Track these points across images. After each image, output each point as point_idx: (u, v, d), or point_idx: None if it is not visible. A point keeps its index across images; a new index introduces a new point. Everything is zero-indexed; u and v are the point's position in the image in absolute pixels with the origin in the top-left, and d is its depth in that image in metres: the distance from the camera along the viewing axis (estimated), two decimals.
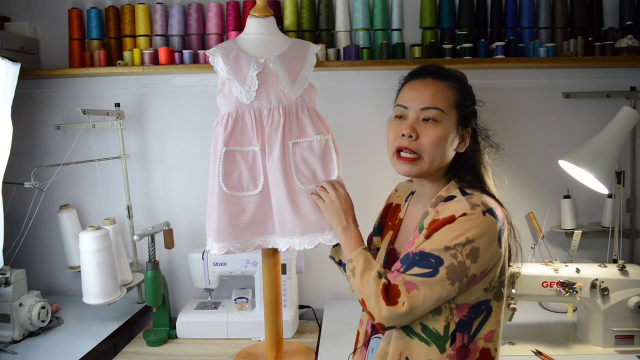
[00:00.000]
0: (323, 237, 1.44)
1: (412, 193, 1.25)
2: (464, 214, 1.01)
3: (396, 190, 1.35)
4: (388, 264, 1.19)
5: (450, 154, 1.11)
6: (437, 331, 1.03)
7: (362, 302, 1.07)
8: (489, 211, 1.02)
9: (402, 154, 1.09)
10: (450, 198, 1.08)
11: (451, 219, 1.01)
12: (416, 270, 1.01)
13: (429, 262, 1.00)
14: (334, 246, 1.42)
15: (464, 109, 1.11)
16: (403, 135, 1.08)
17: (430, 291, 0.99)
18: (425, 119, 1.08)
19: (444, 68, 1.15)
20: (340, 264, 1.40)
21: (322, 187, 1.40)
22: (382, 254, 1.22)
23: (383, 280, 1.04)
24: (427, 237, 1.03)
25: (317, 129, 1.51)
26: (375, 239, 1.31)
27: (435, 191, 1.14)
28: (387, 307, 1.00)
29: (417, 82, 1.11)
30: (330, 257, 1.44)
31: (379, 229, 1.32)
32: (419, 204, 1.20)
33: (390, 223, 1.27)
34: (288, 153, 1.47)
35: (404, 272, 1.02)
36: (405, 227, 1.22)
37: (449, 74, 1.13)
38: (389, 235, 1.24)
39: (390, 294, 1.01)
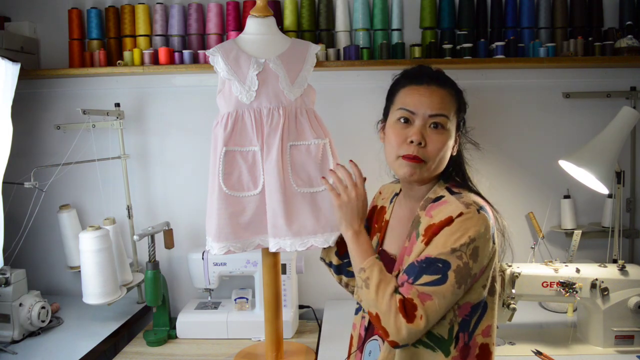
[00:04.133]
0: (315, 239, 1.45)
1: (397, 194, 1.26)
2: (461, 214, 1.01)
3: (380, 193, 1.35)
4: None
5: (448, 158, 1.13)
6: (441, 336, 1.03)
7: (376, 317, 1.02)
8: (482, 209, 1.03)
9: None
10: (439, 199, 1.09)
11: (449, 221, 1.01)
12: (425, 278, 0.99)
13: (436, 267, 0.99)
14: (324, 248, 1.43)
15: (461, 117, 1.14)
16: (411, 142, 1.07)
17: (443, 299, 0.99)
18: (432, 126, 1.08)
19: (442, 73, 1.15)
20: (331, 265, 1.40)
21: (339, 179, 1.24)
22: None
23: (398, 295, 1.01)
24: (427, 243, 1.02)
25: (315, 133, 1.52)
26: None
27: (422, 192, 1.15)
28: (407, 325, 0.97)
29: (423, 88, 1.09)
30: (321, 258, 1.44)
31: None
32: (405, 204, 1.21)
33: (376, 225, 1.27)
34: (285, 155, 1.48)
35: (413, 283, 1.00)
36: (392, 229, 1.22)
37: (448, 80, 1.14)
38: (376, 238, 1.24)
39: (407, 309, 0.98)
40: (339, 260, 1.37)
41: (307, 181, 1.49)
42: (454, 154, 1.14)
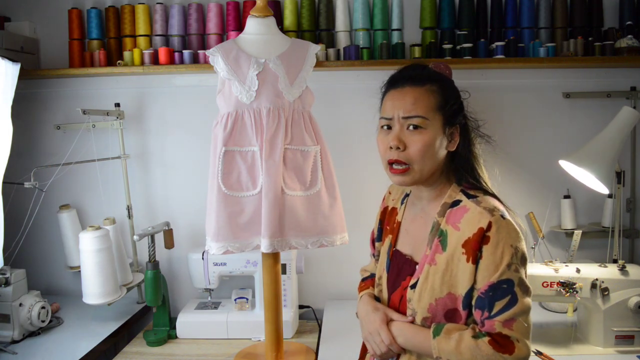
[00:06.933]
0: (310, 240, 1.45)
1: (407, 195, 1.24)
2: (490, 224, 1.00)
3: (390, 193, 1.32)
4: (392, 266, 1.18)
5: (441, 156, 1.10)
6: None
7: None
8: (503, 215, 1.02)
9: (394, 166, 1.09)
10: (456, 203, 1.08)
11: (481, 233, 1.00)
12: (499, 305, 0.99)
13: (502, 290, 0.99)
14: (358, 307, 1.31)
15: (448, 110, 1.09)
16: (391, 147, 1.08)
17: (525, 313, 1.00)
18: (411, 127, 1.07)
19: (424, 69, 1.13)
20: None
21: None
22: (384, 258, 1.21)
23: (484, 338, 0.98)
24: (473, 260, 1.01)
25: (310, 138, 1.53)
26: (377, 245, 1.29)
27: (433, 194, 1.13)
28: (510, 356, 0.96)
29: (397, 92, 1.10)
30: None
31: (380, 234, 1.29)
32: (417, 205, 1.19)
33: (388, 227, 1.26)
34: (281, 156, 1.48)
35: (490, 316, 0.99)
36: (405, 229, 1.20)
37: (428, 76, 1.10)
38: (389, 239, 1.22)
39: (501, 343, 0.97)
40: None
41: (298, 184, 1.50)
42: (452, 149, 1.11)
